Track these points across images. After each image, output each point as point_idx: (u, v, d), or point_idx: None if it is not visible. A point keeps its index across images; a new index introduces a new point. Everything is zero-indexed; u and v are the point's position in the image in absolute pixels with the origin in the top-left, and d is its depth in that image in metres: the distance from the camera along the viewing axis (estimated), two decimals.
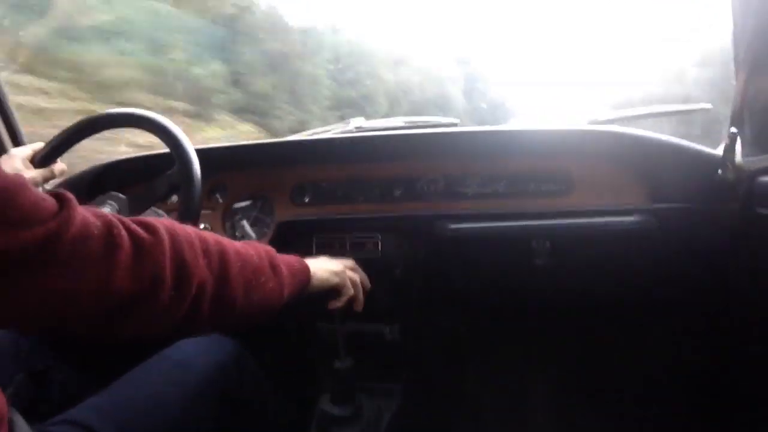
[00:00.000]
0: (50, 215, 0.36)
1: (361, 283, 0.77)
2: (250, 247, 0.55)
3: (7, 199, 0.34)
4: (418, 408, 1.14)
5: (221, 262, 0.49)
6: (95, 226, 0.39)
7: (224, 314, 0.49)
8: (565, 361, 1.24)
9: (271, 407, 0.87)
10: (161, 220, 0.46)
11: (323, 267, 0.68)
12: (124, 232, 0.41)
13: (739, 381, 0.99)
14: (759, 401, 0.91)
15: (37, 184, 0.85)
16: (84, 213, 0.39)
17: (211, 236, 0.50)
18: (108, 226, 0.40)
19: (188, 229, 0.48)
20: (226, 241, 0.52)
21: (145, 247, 0.42)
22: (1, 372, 0.47)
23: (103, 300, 0.39)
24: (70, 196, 0.39)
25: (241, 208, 1.11)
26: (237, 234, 1.05)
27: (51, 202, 0.38)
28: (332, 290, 0.70)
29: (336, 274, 0.69)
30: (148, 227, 0.44)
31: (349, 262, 0.76)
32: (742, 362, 0.97)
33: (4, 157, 0.85)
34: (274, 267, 0.56)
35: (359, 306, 0.75)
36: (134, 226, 0.42)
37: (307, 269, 0.64)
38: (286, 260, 0.60)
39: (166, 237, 0.44)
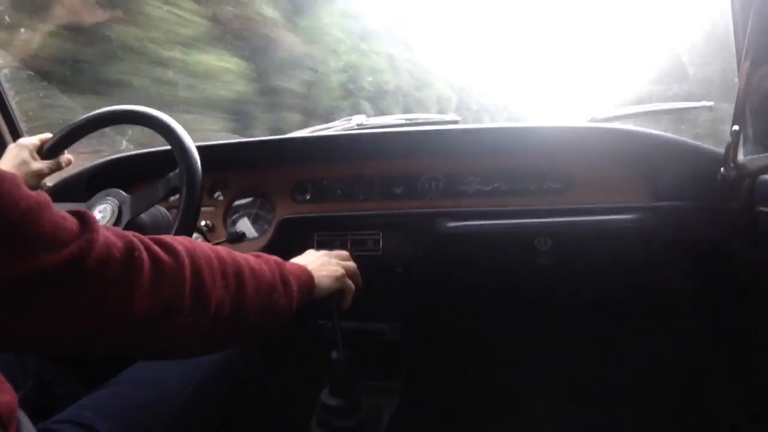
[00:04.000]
0: (72, 237, 0.36)
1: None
2: (262, 261, 0.55)
3: (30, 221, 0.33)
4: (418, 406, 1.14)
5: (238, 282, 0.48)
6: (117, 248, 0.38)
7: (239, 333, 0.49)
8: (566, 360, 1.24)
9: (274, 401, 0.87)
10: (180, 239, 0.46)
11: (325, 275, 0.67)
12: (144, 254, 0.40)
13: (741, 379, 0.99)
14: (758, 399, 0.91)
15: (43, 175, 0.86)
16: (106, 234, 0.39)
17: (228, 254, 0.50)
18: (129, 248, 0.40)
19: (206, 248, 0.48)
20: (242, 259, 0.52)
21: (165, 269, 0.41)
22: (10, 382, 0.47)
23: (123, 322, 0.38)
24: (92, 216, 0.39)
25: (242, 205, 1.11)
26: (238, 231, 1.05)
27: (73, 222, 0.37)
28: (335, 293, 0.71)
29: (337, 279, 0.69)
30: (168, 248, 0.43)
31: (343, 253, 0.76)
32: (744, 360, 0.97)
33: (12, 146, 0.86)
34: (285, 282, 0.56)
35: (361, 286, 0.75)
36: (155, 247, 0.42)
37: (312, 280, 0.64)
38: (294, 273, 0.60)
39: (186, 259, 0.44)
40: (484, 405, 1.26)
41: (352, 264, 0.75)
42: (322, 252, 0.74)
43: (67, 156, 0.90)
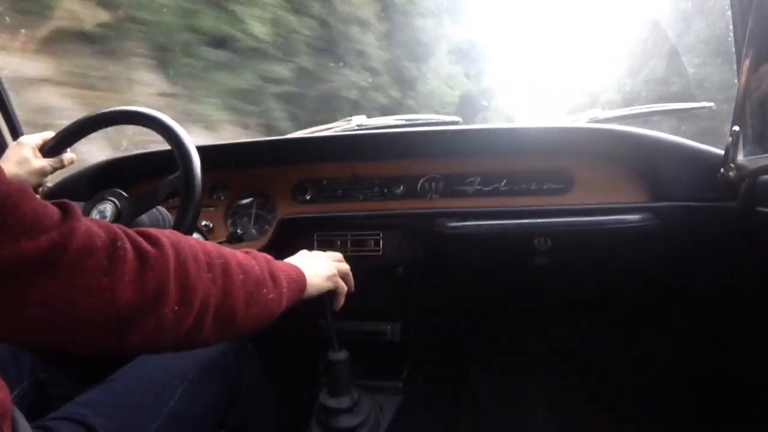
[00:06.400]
0: (53, 225, 0.35)
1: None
2: (251, 257, 0.55)
3: (10, 208, 0.33)
4: (418, 406, 1.14)
5: (224, 275, 0.48)
6: (99, 238, 0.38)
7: (226, 327, 0.49)
8: (565, 359, 1.24)
9: (271, 399, 0.87)
10: (165, 233, 0.45)
11: (317, 273, 0.67)
12: (128, 245, 0.40)
13: (742, 379, 0.99)
14: (760, 399, 0.91)
15: (45, 173, 0.86)
16: (88, 223, 0.38)
17: (215, 248, 0.50)
18: (112, 238, 0.39)
19: (192, 241, 0.48)
20: (229, 253, 0.51)
21: (149, 260, 0.41)
22: (5, 380, 0.46)
23: (106, 313, 0.38)
24: (74, 205, 0.38)
25: (243, 206, 1.11)
26: (238, 231, 1.05)
27: (54, 211, 0.36)
28: (327, 293, 0.70)
29: (329, 278, 0.69)
30: (152, 240, 0.43)
31: (336, 255, 0.76)
32: (744, 360, 0.97)
33: (13, 145, 0.85)
34: (274, 278, 0.56)
35: (353, 289, 0.75)
36: (138, 239, 0.42)
37: (303, 278, 0.63)
38: (284, 269, 0.60)
39: (170, 251, 0.43)
40: (484, 405, 1.26)
41: (344, 265, 0.74)
42: (315, 252, 0.73)
43: (69, 154, 0.89)
